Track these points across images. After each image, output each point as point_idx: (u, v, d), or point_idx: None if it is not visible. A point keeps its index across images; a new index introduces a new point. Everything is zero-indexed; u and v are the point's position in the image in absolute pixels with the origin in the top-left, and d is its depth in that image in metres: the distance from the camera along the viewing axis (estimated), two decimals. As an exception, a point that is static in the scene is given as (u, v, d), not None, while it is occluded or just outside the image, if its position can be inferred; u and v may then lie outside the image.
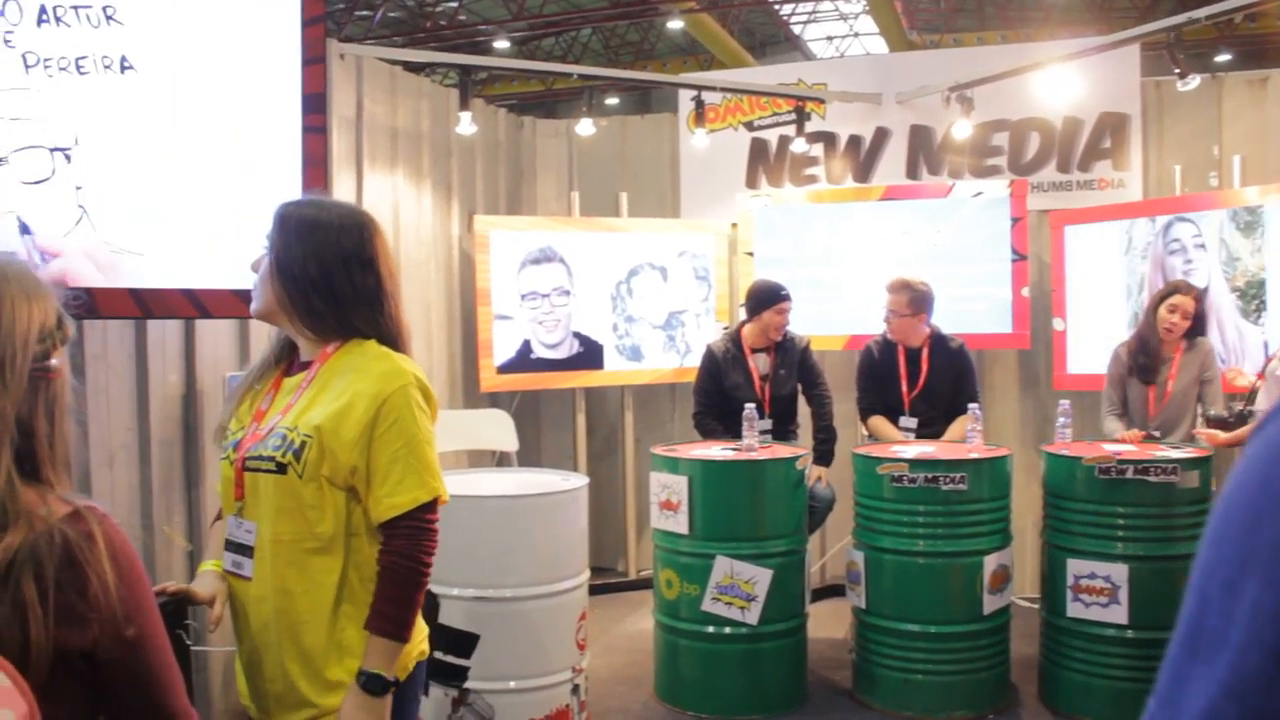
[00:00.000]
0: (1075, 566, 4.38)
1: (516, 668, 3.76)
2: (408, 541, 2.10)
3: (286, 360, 2.27)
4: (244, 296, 3.71)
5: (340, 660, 2.10)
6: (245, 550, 2.14)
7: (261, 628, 2.12)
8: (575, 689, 3.92)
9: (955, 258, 6.05)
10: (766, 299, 5.22)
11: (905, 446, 4.88)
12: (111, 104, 3.48)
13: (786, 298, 5.20)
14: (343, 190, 5.08)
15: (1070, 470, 4.45)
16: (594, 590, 4.79)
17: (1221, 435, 4.48)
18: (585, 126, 6.13)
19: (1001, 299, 5.96)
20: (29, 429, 1.29)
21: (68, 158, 3.42)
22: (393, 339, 2.20)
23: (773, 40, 19.50)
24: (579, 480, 4.09)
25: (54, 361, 1.34)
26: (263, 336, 4.66)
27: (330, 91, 4.67)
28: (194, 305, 3.72)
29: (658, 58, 18.64)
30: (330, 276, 2.14)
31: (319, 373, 2.16)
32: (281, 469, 2.08)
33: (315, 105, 3.70)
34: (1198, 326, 4.87)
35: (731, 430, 5.01)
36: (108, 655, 1.28)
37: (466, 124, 5.60)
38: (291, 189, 3.62)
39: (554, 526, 3.86)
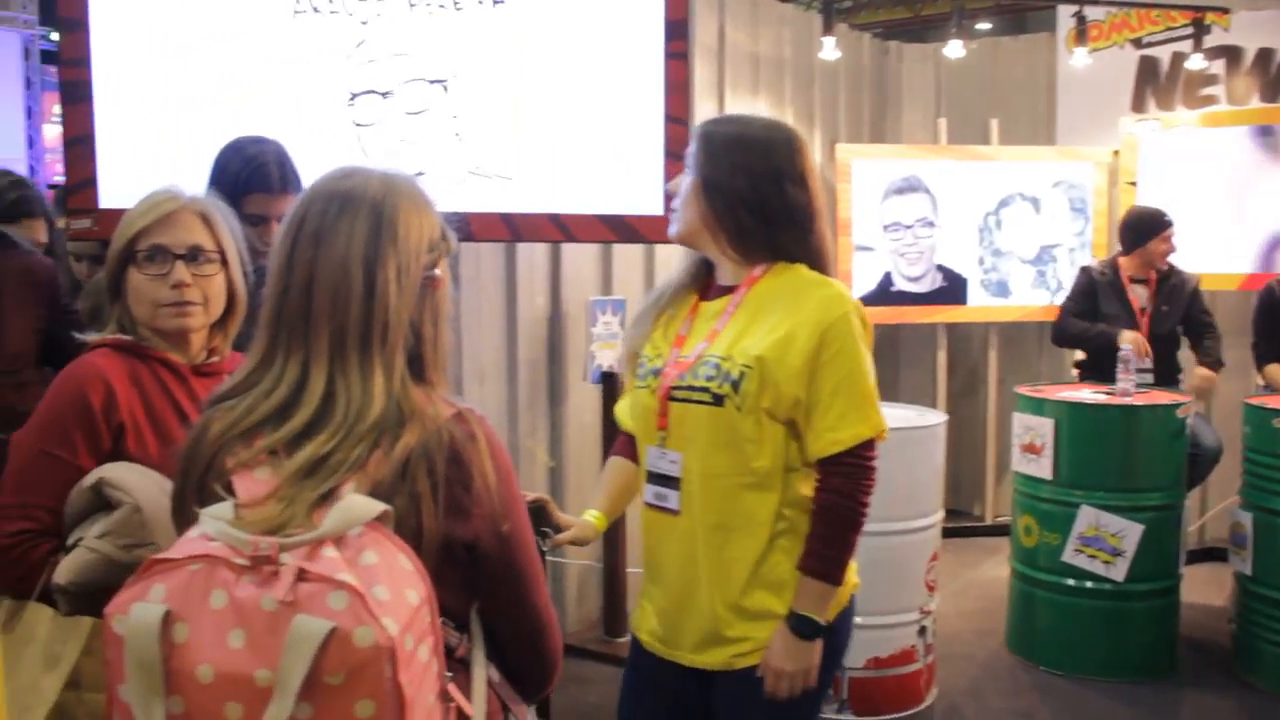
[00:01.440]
0: None
1: (862, 603, 3.65)
2: (846, 479, 1.98)
3: (702, 284, 2.17)
4: (608, 221, 3.84)
5: (770, 597, 2.01)
6: (670, 482, 2.06)
7: (687, 562, 2.05)
8: (922, 630, 3.81)
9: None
10: (1152, 227, 4.85)
11: (1309, 399, 4.36)
12: (484, 37, 3.65)
13: (1170, 223, 4.84)
14: (704, 118, 5.10)
15: None
16: (948, 533, 4.65)
17: None
18: (954, 49, 5.83)
19: None
20: (419, 333, 1.37)
21: (445, 88, 3.62)
22: (820, 261, 2.07)
23: (1171, -48, 17.84)
24: (937, 417, 3.94)
25: (438, 271, 1.40)
26: (627, 261, 4.82)
27: (693, 21, 4.68)
28: (560, 229, 3.85)
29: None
30: (761, 193, 2.03)
31: (746, 298, 2.05)
32: (718, 400, 1.98)
33: (677, 31, 3.72)
34: None
35: (1101, 368, 4.68)
36: (485, 547, 1.34)
37: (830, 50, 5.47)
38: (654, 115, 3.67)
39: (909, 463, 3.75)
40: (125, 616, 1.16)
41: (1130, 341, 4.61)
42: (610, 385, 4.32)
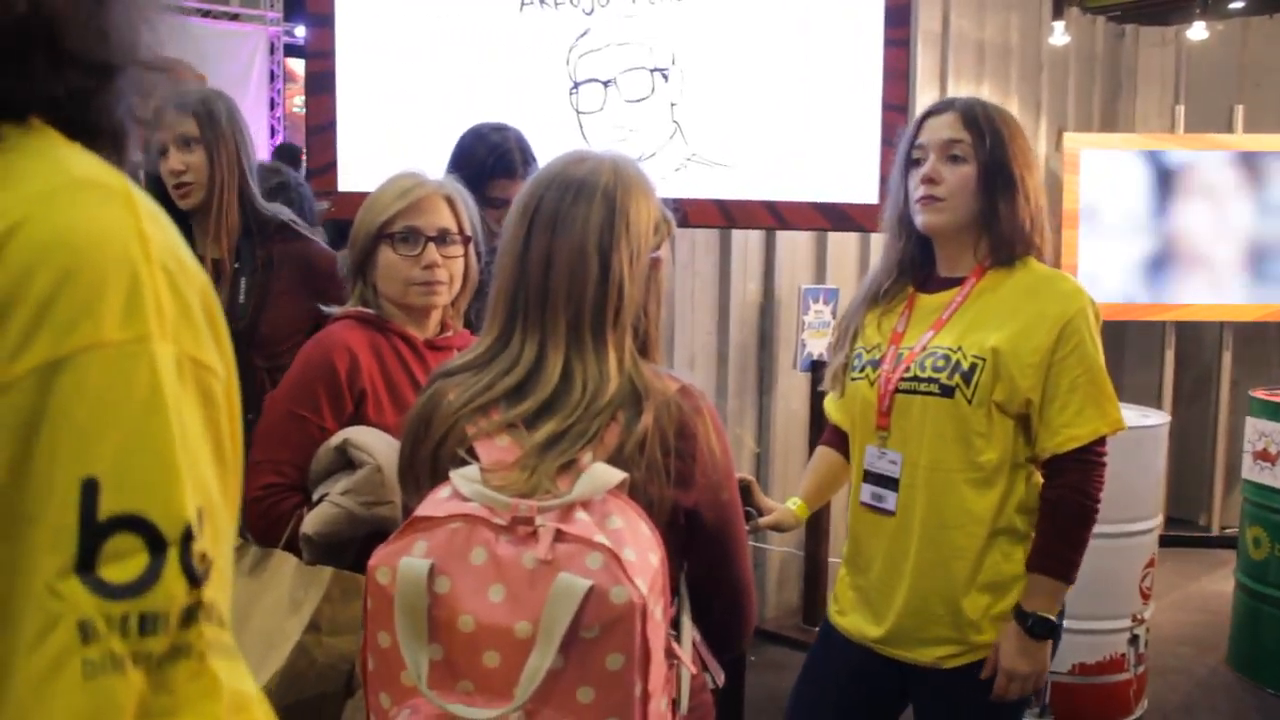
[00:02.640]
0: None
1: (1070, 606, 3.54)
2: (1080, 475, 1.94)
3: (917, 276, 2.10)
4: (822, 209, 3.83)
5: (988, 597, 1.97)
6: (889, 483, 2.02)
7: (901, 560, 2.02)
8: (1134, 639, 3.68)
9: None
10: None
11: None
12: (705, 26, 3.70)
13: None
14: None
15: None
16: (1170, 542, 4.46)
17: None
18: (1197, 31, 5.53)
19: None
20: (644, 311, 1.45)
21: (665, 77, 3.69)
22: (1046, 252, 2.04)
23: None
24: (1159, 418, 3.78)
25: (660, 253, 1.48)
26: (841, 250, 4.80)
27: (916, 7, 4.61)
28: (774, 217, 3.87)
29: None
30: (1031, 185, 1.98)
31: (974, 290, 2.00)
32: (947, 392, 1.94)
33: (898, 18, 3.66)
34: None
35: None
36: (705, 514, 1.42)
37: (1059, 35, 5.29)
38: (872, 103, 3.64)
39: (1127, 464, 3.58)
40: (389, 569, 1.27)
41: None
42: (820, 374, 4.31)
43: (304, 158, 4.92)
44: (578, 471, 1.30)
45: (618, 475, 1.30)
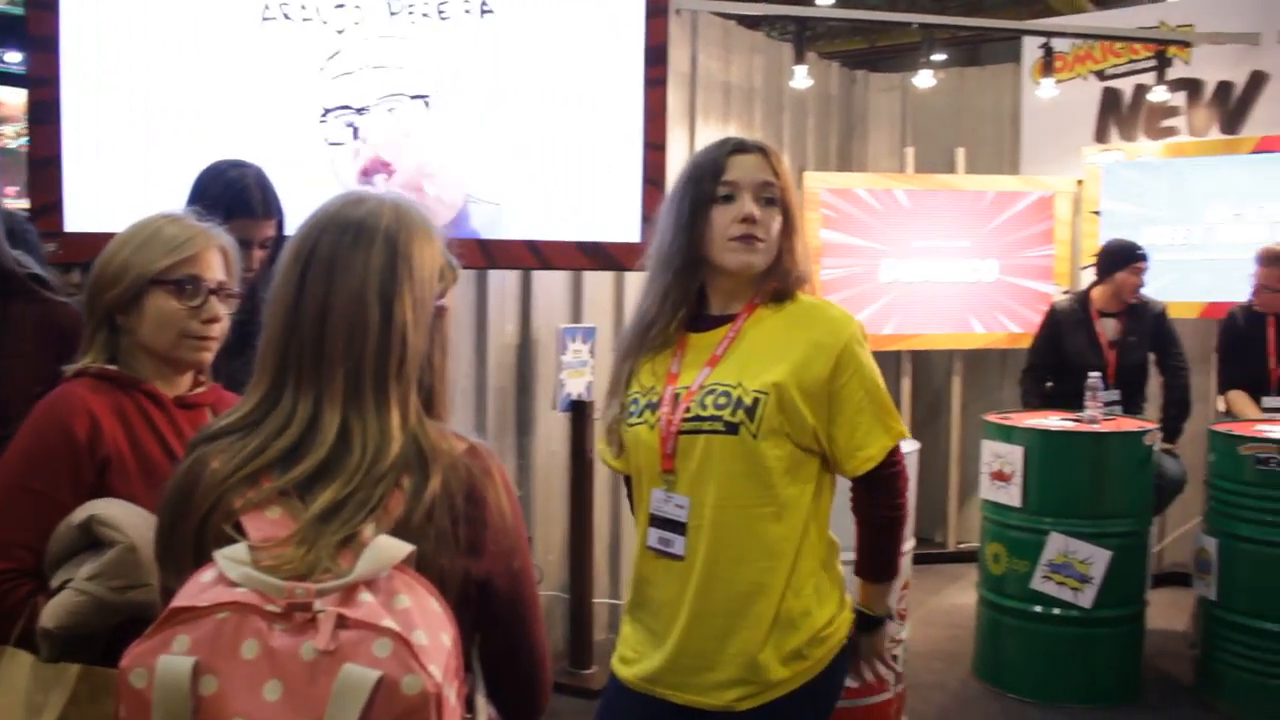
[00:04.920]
0: None
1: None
2: (884, 489, 2.04)
3: (687, 315, 2.07)
4: (584, 248, 3.80)
5: (779, 635, 1.96)
6: (676, 527, 1.99)
7: (689, 605, 1.98)
8: (892, 659, 3.80)
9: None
10: (1121, 258, 4.88)
11: (1271, 426, 4.41)
12: (470, 49, 3.55)
13: (1143, 257, 4.85)
14: (676, 146, 5.10)
15: None
16: (914, 559, 4.64)
17: None
18: (923, 79, 5.87)
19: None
20: (429, 363, 1.33)
21: (427, 104, 3.55)
22: (810, 290, 2.14)
23: (1123, -15, 18.04)
24: (909, 445, 3.94)
25: (445, 301, 1.37)
26: (597, 289, 4.79)
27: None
28: (535, 256, 3.80)
29: (989, 8, 17.63)
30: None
31: (745, 324, 2.02)
32: (732, 429, 1.93)
33: (657, 57, 3.69)
34: None
35: (1068, 399, 4.71)
36: (497, 584, 1.32)
37: (801, 78, 5.50)
38: (632, 142, 3.64)
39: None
40: (145, 670, 1.11)
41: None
42: (579, 414, 4.29)
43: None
44: (360, 546, 1.17)
45: (404, 549, 1.17)
